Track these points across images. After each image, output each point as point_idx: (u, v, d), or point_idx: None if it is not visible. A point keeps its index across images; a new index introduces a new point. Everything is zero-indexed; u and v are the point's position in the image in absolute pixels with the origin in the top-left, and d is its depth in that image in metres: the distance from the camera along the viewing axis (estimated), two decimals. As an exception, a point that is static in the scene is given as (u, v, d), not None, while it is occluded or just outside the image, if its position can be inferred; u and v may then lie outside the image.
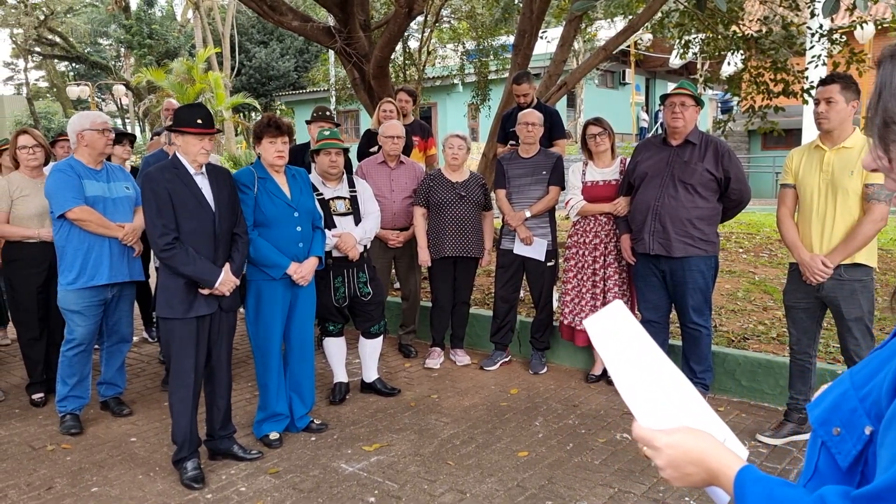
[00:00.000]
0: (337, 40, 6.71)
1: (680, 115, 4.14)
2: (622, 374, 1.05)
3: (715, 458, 0.93)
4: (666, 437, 0.96)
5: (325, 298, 4.28)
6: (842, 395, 0.86)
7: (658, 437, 0.97)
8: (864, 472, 0.81)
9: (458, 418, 4.16)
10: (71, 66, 34.91)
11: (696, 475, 0.95)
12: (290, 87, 26.80)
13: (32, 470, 3.54)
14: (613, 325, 1.12)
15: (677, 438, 0.96)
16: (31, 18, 27.27)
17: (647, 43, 20.90)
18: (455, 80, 14.09)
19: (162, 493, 3.28)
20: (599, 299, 4.65)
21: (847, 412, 0.84)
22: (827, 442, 0.86)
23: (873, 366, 0.83)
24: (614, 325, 1.12)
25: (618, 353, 1.07)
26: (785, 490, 0.85)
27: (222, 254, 3.42)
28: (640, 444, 1.01)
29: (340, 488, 3.30)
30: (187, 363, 3.34)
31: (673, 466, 0.96)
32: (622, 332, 1.11)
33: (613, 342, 1.09)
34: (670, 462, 0.96)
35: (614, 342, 1.09)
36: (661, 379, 1.05)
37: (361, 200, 4.46)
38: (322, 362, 4.78)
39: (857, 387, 0.84)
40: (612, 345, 1.09)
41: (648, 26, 8.96)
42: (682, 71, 23.42)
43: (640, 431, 1.00)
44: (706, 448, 0.94)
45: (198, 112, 3.38)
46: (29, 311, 4.40)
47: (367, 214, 4.44)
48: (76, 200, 3.84)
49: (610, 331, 1.11)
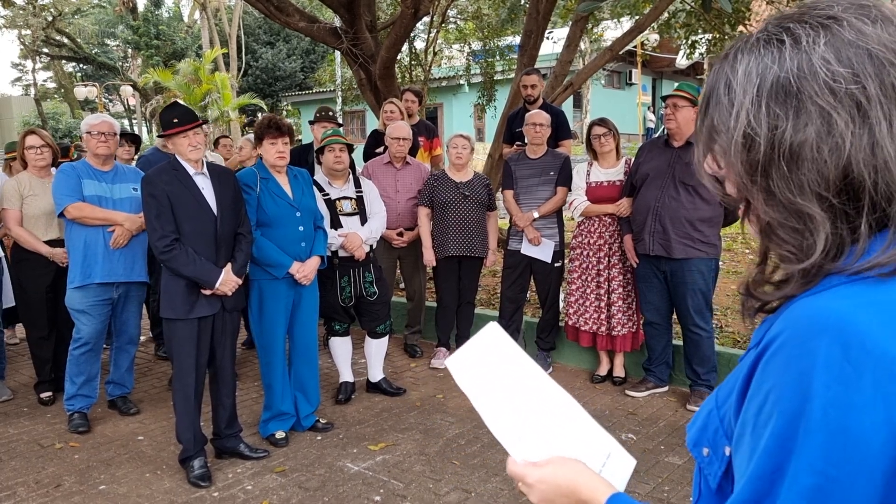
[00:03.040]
0: (343, 41, 6.73)
1: (672, 117, 4.16)
2: (490, 409, 1.00)
3: (585, 487, 0.90)
4: (537, 472, 0.94)
5: (332, 298, 4.29)
6: (708, 414, 0.83)
7: (530, 473, 0.94)
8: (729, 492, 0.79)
9: (463, 418, 4.17)
10: (78, 67, 35.07)
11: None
12: (297, 87, 26.86)
13: (41, 468, 3.56)
14: (483, 353, 1.06)
15: (548, 472, 0.93)
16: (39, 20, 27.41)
17: (654, 43, 20.88)
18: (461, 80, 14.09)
19: (169, 491, 3.30)
20: (604, 300, 4.65)
21: (711, 433, 0.81)
22: (700, 463, 0.84)
23: (730, 383, 0.80)
24: (484, 351, 1.06)
25: (483, 389, 1.02)
26: None
27: (224, 255, 3.43)
28: (515, 480, 0.98)
29: (346, 487, 3.32)
30: (189, 363, 3.36)
31: (545, 501, 0.93)
32: (494, 357, 1.05)
33: (478, 376, 1.03)
34: (543, 497, 0.93)
35: (480, 375, 1.03)
36: (538, 401, 1.01)
37: (367, 200, 4.48)
38: (328, 362, 4.80)
39: (718, 405, 0.82)
40: (477, 379, 1.03)
41: (655, 26, 8.95)
42: (688, 71, 23.38)
43: (513, 468, 0.97)
44: (576, 478, 0.91)
45: (173, 112, 3.39)
46: (38, 310, 4.43)
47: (373, 214, 4.45)
48: (70, 198, 3.89)
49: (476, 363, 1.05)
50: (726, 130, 0.75)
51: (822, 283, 0.70)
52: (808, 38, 0.70)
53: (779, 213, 0.73)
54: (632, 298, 4.64)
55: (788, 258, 0.73)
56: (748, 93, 0.73)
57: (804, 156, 0.70)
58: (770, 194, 0.73)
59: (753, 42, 0.75)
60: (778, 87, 0.71)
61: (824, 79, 0.69)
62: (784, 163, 0.71)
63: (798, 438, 0.65)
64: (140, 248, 4.14)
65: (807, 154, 0.69)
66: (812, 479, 0.64)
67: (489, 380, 1.03)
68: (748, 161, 0.73)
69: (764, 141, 0.71)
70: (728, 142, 0.75)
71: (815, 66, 0.69)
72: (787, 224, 0.72)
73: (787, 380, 0.67)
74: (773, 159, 0.71)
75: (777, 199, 0.72)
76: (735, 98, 0.74)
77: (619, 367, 4.76)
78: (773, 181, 0.72)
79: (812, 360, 0.65)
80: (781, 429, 0.66)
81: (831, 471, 0.64)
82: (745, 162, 0.74)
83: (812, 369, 0.65)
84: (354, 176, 4.52)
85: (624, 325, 4.61)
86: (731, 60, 0.76)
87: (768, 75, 0.72)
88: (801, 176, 0.70)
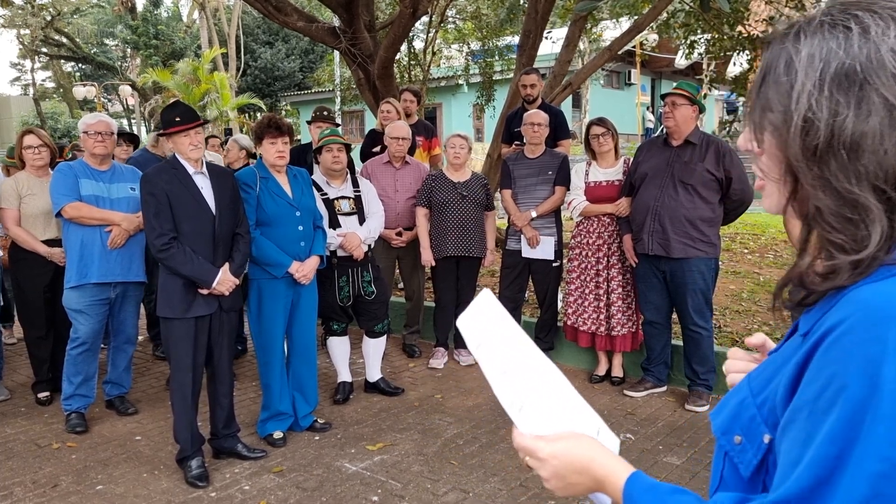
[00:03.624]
0: (342, 41, 6.72)
1: (671, 115, 4.16)
2: (497, 375, 0.97)
3: (601, 465, 0.88)
4: (549, 447, 0.91)
5: (330, 297, 4.29)
6: (740, 402, 0.83)
7: (541, 448, 0.91)
8: (765, 481, 0.79)
9: (461, 418, 4.17)
10: (77, 67, 35.03)
11: (582, 484, 0.90)
12: (296, 87, 26.84)
13: (38, 468, 3.55)
14: (482, 318, 1.04)
15: (561, 447, 0.90)
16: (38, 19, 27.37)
17: (653, 43, 20.87)
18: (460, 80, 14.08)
19: (166, 492, 3.29)
20: (603, 300, 4.65)
21: (746, 420, 0.81)
22: (729, 451, 0.83)
23: (769, 371, 0.80)
24: (483, 317, 1.04)
25: (486, 355, 0.99)
26: (677, 498, 0.81)
27: (222, 254, 3.43)
28: (522, 453, 0.94)
29: (344, 487, 3.31)
30: (186, 362, 3.36)
31: (558, 477, 0.90)
32: (491, 323, 1.03)
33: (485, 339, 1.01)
34: (555, 473, 0.90)
35: (485, 339, 1.01)
36: (533, 371, 0.99)
37: (366, 200, 4.47)
38: (326, 362, 4.80)
39: (754, 393, 0.81)
40: (484, 342, 1.00)
41: (654, 26, 8.95)
42: (687, 71, 23.36)
43: (523, 441, 0.93)
44: (592, 455, 0.89)
45: (174, 111, 3.39)
46: (35, 310, 4.43)
47: (371, 214, 4.45)
48: (67, 198, 3.88)
49: (480, 326, 1.03)
50: (784, 110, 0.75)
51: (879, 273, 0.70)
52: (877, 29, 0.70)
53: (832, 201, 0.72)
54: (631, 298, 4.64)
55: (840, 247, 0.72)
56: (811, 76, 0.72)
57: (865, 146, 0.69)
58: (825, 181, 0.72)
59: (817, 25, 0.75)
60: (842, 74, 0.71)
61: (893, 71, 0.69)
62: (844, 151, 0.70)
63: (865, 425, 0.65)
64: (138, 247, 4.13)
65: (867, 145, 0.69)
66: (878, 466, 0.64)
67: (490, 346, 1.01)
68: (805, 145, 0.73)
69: (824, 127, 0.71)
70: (782, 122, 0.75)
71: (883, 57, 0.69)
72: (840, 213, 0.72)
73: (852, 366, 0.67)
74: (831, 146, 0.71)
75: (832, 186, 0.72)
76: (796, 79, 0.73)
77: (617, 367, 4.76)
78: (829, 168, 0.72)
79: (882, 347, 0.65)
80: (847, 415, 0.66)
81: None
82: (802, 146, 0.73)
83: (882, 356, 0.65)
84: (353, 176, 4.51)
85: (623, 325, 4.61)
86: (793, 40, 0.76)
87: (833, 61, 0.71)
88: (859, 166, 0.70)
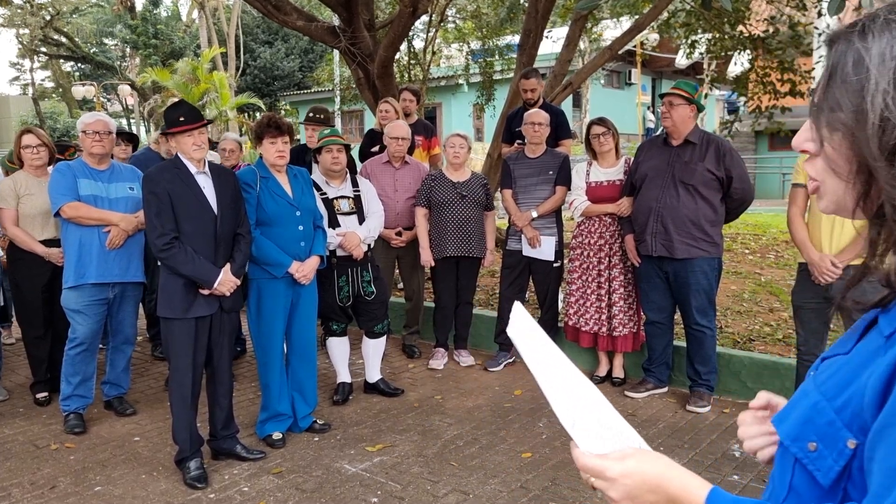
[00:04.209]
0: (341, 40, 6.70)
1: (668, 115, 4.14)
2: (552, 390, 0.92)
3: (675, 482, 0.85)
4: (619, 466, 0.86)
5: (329, 297, 4.27)
6: (813, 407, 0.79)
7: (610, 467, 0.87)
8: (846, 488, 0.76)
9: (461, 419, 4.15)
10: (76, 67, 35.01)
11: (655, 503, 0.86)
12: (295, 86, 26.81)
13: (36, 469, 3.54)
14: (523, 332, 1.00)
15: (631, 465, 0.86)
16: (37, 19, 27.36)
17: (654, 43, 20.85)
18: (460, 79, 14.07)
19: (165, 493, 3.27)
20: (604, 300, 4.63)
21: (823, 426, 0.77)
22: (802, 458, 0.79)
23: (843, 374, 0.78)
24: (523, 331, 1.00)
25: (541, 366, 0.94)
26: None
27: (223, 254, 3.41)
28: (587, 474, 0.89)
29: (343, 489, 3.29)
30: (186, 362, 3.34)
31: (630, 497, 0.86)
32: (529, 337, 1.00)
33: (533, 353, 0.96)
34: (627, 493, 0.86)
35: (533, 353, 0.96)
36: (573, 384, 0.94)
37: (365, 200, 4.46)
38: (325, 362, 4.78)
39: (829, 397, 0.78)
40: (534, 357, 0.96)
41: (654, 26, 8.93)
42: (688, 71, 23.35)
43: (587, 461, 0.88)
44: (664, 472, 0.86)
45: (178, 110, 3.37)
46: (34, 310, 4.41)
47: (370, 214, 4.43)
48: (65, 197, 3.86)
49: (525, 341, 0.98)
50: (856, 110, 0.74)
51: None
52: None
53: None
54: (633, 298, 4.62)
55: None
56: (884, 75, 0.71)
57: None
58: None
59: (883, 23, 0.74)
60: None
61: None
62: None
63: None
64: (136, 248, 4.11)
65: None
66: None
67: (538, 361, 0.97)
68: (882, 145, 0.72)
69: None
70: (855, 122, 0.74)
71: None
72: None
73: None
74: None
75: None
76: (869, 78, 0.72)
77: (618, 368, 4.74)
78: None
79: None
80: None
81: None
82: (879, 145, 0.72)
83: None
84: (352, 175, 4.50)
85: (625, 325, 4.59)
86: (860, 38, 0.75)
87: None
88: None
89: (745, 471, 3.43)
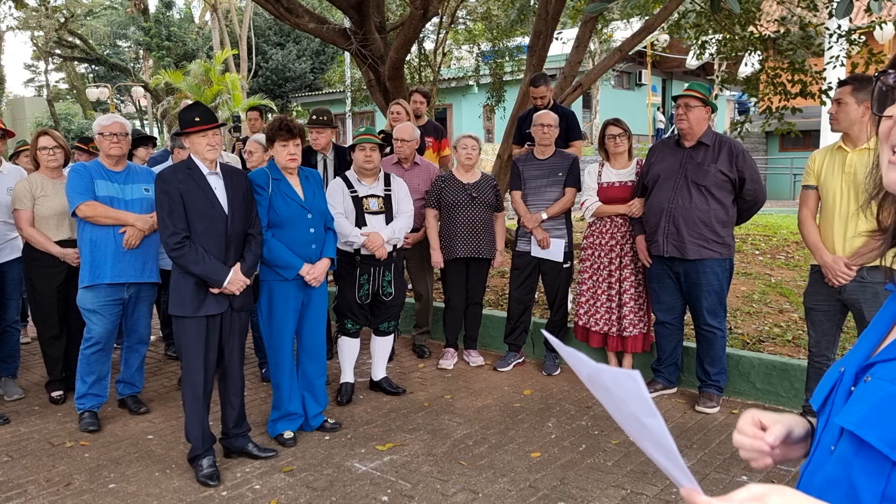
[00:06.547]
0: (352, 42, 6.74)
1: (684, 117, 4.14)
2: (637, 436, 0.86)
3: None
4: None
5: (349, 293, 4.31)
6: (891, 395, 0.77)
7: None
8: None
9: (471, 419, 4.17)
10: (90, 68, 35.27)
11: None
12: (307, 88, 26.91)
13: (51, 466, 3.59)
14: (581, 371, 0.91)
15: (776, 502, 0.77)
16: (52, 21, 27.60)
17: (664, 44, 20.79)
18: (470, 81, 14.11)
19: (178, 490, 3.31)
20: (615, 301, 4.64)
21: None
22: None
23: None
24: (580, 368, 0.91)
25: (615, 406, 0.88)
26: None
27: (234, 254, 3.45)
28: None
29: (353, 487, 3.32)
30: (197, 361, 3.39)
31: None
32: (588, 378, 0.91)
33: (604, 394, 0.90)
34: None
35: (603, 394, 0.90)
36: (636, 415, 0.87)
37: (396, 199, 4.48)
38: (335, 362, 4.81)
39: None
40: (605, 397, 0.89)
41: (665, 27, 8.92)
42: (699, 72, 23.28)
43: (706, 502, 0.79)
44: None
45: (194, 111, 3.42)
46: (49, 309, 4.46)
47: (399, 213, 4.45)
48: (82, 197, 3.91)
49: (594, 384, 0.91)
50: None
51: None
52: None
53: None
54: (643, 299, 4.63)
55: None
56: None
57: None
58: None
59: None
60: None
61: None
62: None
63: None
64: (152, 248, 4.16)
65: None
66: None
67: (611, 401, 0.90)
68: None
69: None
70: None
71: None
72: None
73: None
74: None
75: None
76: None
77: (627, 369, 4.74)
78: None
79: None
80: None
81: None
82: None
83: None
84: (385, 174, 4.52)
85: (635, 325, 4.59)
86: None
87: None
88: None
89: (755, 472, 3.43)
